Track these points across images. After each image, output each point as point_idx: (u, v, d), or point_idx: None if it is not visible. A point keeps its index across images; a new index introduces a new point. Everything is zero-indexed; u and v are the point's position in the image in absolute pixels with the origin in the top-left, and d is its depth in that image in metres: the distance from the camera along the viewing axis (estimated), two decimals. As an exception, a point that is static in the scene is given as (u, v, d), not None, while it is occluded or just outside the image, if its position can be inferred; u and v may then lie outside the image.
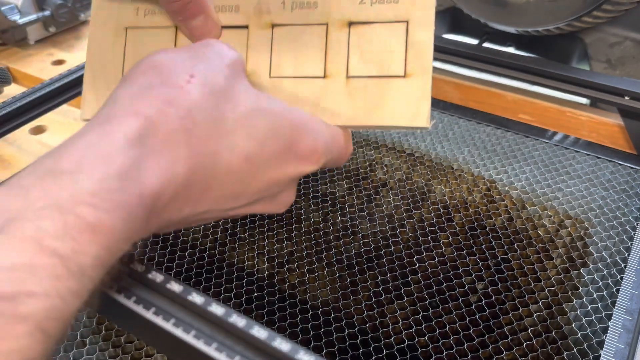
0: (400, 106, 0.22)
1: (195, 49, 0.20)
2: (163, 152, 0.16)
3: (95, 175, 0.15)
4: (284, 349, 0.18)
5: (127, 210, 0.15)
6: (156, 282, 0.21)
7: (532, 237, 0.32)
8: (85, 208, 0.14)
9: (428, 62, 0.22)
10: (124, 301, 0.20)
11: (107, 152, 0.15)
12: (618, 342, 0.24)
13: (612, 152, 0.38)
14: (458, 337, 0.26)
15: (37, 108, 0.38)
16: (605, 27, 0.43)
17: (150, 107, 0.17)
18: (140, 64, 0.19)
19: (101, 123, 0.17)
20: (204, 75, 0.18)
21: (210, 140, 0.18)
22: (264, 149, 0.19)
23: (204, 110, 0.18)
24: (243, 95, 0.19)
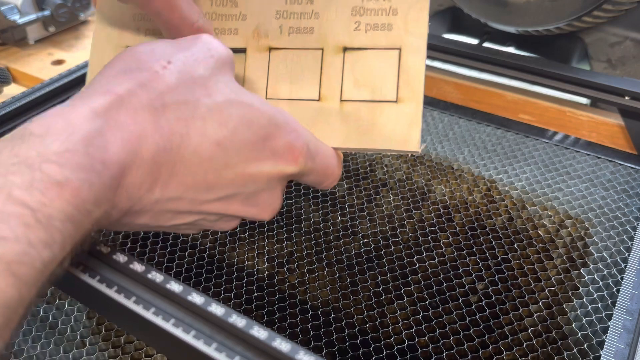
0: (391, 130, 0.23)
1: (182, 40, 0.21)
2: (129, 126, 0.17)
3: (60, 139, 0.16)
4: (284, 349, 0.18)
5: (91, 173, 0.16)
6: (156, 282, 0.21)
7: (532, 237, 0.32)
8: (51, 165, 0.15)
9: (419, 88, 0.23)
10: (124, 301, 0.20)
11: (73, 120, 0.17)
12: (618, 342, 0.24)
13: (612, 152, 0.38)
14: (458, 337, 0.26)
15: (37, 108, 0.38)
16: (605, 27, 0.43)
17: (121, 86, 0.18)
18: (122, 52, 0.20)
19: (73, 99, 0.18)
20: (182, 63, 0.19)
21: (179, 122, 0.18)
22: (236, 136, 0.19)
23: (176, 94, 0.19)
24: (222, 85, 0.20)
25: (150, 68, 0.19)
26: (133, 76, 0.19)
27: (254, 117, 0.20)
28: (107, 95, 0.18)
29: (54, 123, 0.16)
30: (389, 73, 0.23)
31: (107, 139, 0.17)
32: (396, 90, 0.23)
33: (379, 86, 0.23)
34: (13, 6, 0.55)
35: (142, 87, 0.18)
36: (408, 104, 0.22)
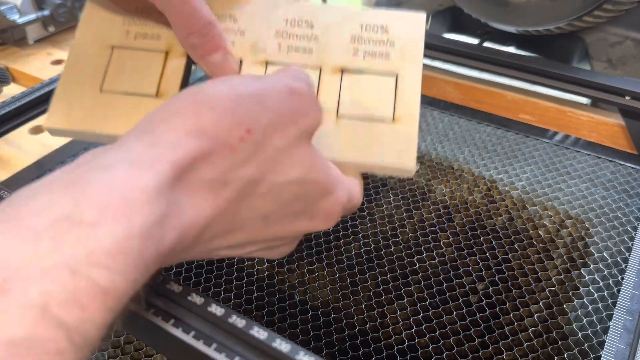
0: (387, 149, 0.23)
1: (269, 88, 0.17)
2: (187, 211, 0.15)
3: (116, 231, 0.13)
4: (283, 349, 0.18)
5: (142, 270, 0.14)
6: (155, 282, 0.20)
7: (532, 237, 0.32)
8: (100, 271, 0.12)
9: (415, 110, 0.23)
10: (123, 302, 0.20)
11: (134, 202, 0.13)
12: (619, 343, 0.24)
13: (612, 152, 0.38)
14: (458, 338, 0.26)
15: (37, 108, 0.38)
16: (606, 27, 0.42)
17: (189, 157, 0.15)
18: (196, 93, 0.16)
19: (132, 159, 0.14)
20: (263, 133, 0.16)
21: (234, 203, 0.17)
22: (284, 211, 0.18)
23: (242, 171, 0.16)
24: (294, 163, 0.17)
25: (226, 137, 0.16)
26: (204, 145, 0.15)
27: (311, 190, 0.18)
28: (169, 166, 0.15)
29: (110, 204, 0.13)
30: (386, 95, 0.23)
31: (165, 229, 0.14)
32: (393, 111, 0.23)
33: (376, 106, 0.23)
34: (13, 6, 0.55)
35: (209, 160, 0.15)
36: (405, 124, 0.23)
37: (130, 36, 0.24)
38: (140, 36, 0.24)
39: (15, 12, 0.55)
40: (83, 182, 0.13)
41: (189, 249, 0.16)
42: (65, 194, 0.13)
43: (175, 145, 0.15)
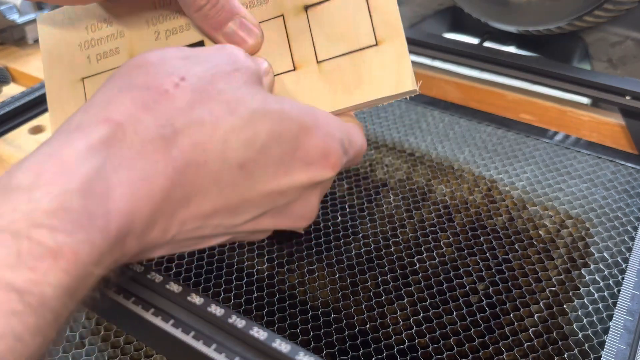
0: (380, 76, 0.21)
1: (201, 50, 0.18)
2: (135, 164, 0.14)
3: (53, 190, 0.13)
4: (283, 349, 0.18)
5: (92, 231, 0.13)
6: (155, 282, 0.20)
7: (533, 237, 0.32)
8: (42, 231, 0.12)
9: (397, 23, 0.21)
10: (123, 302, 0.20)
11: (67, 161, 0.14)
12: (619, 343, 0.24)
13: (613, 152, 0.38)
14: (459, 338, 0.26)
15: (36, 108, 0.38)
16: (606, 27, 0.42)
17: (124, 112, 0.15)
18: (126, 63, 0.17)
19: (66, 131, 0.15)
20: (198, 78, 0.16)
21: (195, 149, 0.16)
22: (263, 155, 0.17)
23: (189, 115, 0.16)
24: (247, 97, 0.17)
25: (159, 85, 0.16)
26: (137, 96, 0.15)
27: (284, 128, 0.17)
28: (106, 125, 0.15)
29: (43, 168, 0.13)
30: (360, 18, 0.21)
31: (109, 183, 0.14)
32: (373, 33, 0.21)
33: (353, 35, 0.21)
34: (12, 6, 0.54)
35: (148, 110, 0.15)
36: (390, 42, 0.20)
37: (92, 61, 0.24)
38: (101, 57, 0.24)
39: (15, 11, 0.55)
40: (23, 161, 0.14)
41: (167, 213, 0.15)
42: (7, 175, 0.14)
43: (108, 102, 0.16)
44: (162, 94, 0.16)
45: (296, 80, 0.22)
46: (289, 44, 0.22)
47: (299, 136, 0.17)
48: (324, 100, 0.21)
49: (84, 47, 0.24)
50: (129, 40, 0.24)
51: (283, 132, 0.17)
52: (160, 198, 0.15)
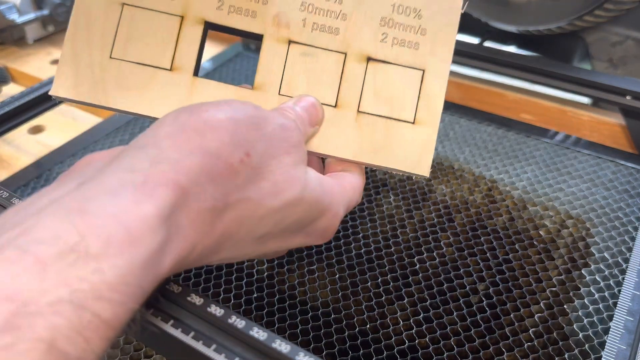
0: (405, 151, 0.22)
1: (266, 121, 0.18)
2: (186, 234, 0.15)
3: (120, 265, 0.13)
4: (283, 350, 0.18)
5: (140, 298, 0.14)
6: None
7: (533, 237, 0.32)
8: (103, 304, 0.13)
9: (437, 113, 0.22)
10: (123, 302, 0.20)
11: (137, 233, 0.14)
12: (620, 343, 0.24)
13: (613, 152, 0.38)
14: (459, 338, 0.26)
15: (36, 107, 0.38)
16: (606, 26, 0.42)
17: (193, 178, 0.15)
18: (199, 116, 0.17)
19: (134, 185, 0.14)
20: (260, 157, 0.17)
21: (234, 224, 0.17)
22: (280, 233, 0.19)
23: (242, 194, 0.17)
24: (291, 183, 0.18)
25: (229, 157, 0.16)
26: (208, 164, 0.16)
27: (310, 214, 0.19)
28: (174, 190, 0.15)
29: (113, 233, 0.13)
30: (409, 93, 0.22)
31: (164, 254, 0.14)
32: (414, 112, 0.22)
33: (398, 104, 0.22)
34: (12, 5, 0.54)
35: (213, 181, 0.16)
36: (425, 127, 0.22)
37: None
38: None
39: (15, 11, 0.55)
40: (88, 210, 0.14)
41: (181, 268, 0.17)
42: (70, 222, 0.13)
43: (179, 161, 0.15)
44: (229, 168, 0.16)
45: (332, 117, 0.23)
46: (340, 81, 0.23)
47: (313, 216, 0.20)
48: (349, 146, 0.22)
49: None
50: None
51: (306, 217, 0.19)
52: (191, 261, 0.16)
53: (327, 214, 0.20)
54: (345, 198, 0.21)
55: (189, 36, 0.22)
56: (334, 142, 0.22)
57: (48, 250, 0.13)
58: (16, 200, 0.25)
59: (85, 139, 0.41)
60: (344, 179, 0.22)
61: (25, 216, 0.14)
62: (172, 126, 0.16)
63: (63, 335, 0.12)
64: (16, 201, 0.25)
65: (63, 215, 0.14)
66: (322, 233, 0.21)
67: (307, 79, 0.23)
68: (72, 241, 0.13)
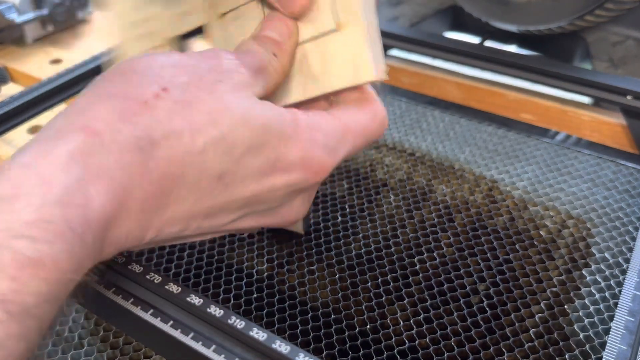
0: (341, 64, 0.20)
1: (194, 56, 0.18)
2: (112, 173, 0.15)
3: (33, 201, 0.13)
4: (283, 350, 0.18)
5: (71, 240, 0.14)
6: (154, 283, 0.20)
7: (534, 237, 0.32)
8: (22, 241, 0.13)
9: (357, 10, 0.19)
10: (122, 302, 0.20)
11: (46, 172, 0.14)
12: (620, 344, 0.24)
13: (614, 152, 0.38)
14: (459, 339, 0.26)
15: (35, 107, 0.38)
16: (607, 26, 0.42)
17: (101, 120, 0.15)
18: (111, 68, 0.17)
19: (46, 138, 0.15)
20: (182, 90, 0.16)
21: (172, 163, 0.16)
22: (242, 166, 0.17)
23: (167, 127, 0.16)
24: (229, 108, 0.17)
25: (139, 95, 0.16)
26: (115, 105, 0.16)
27: (264, 139, 0.17)
28: (83, 132, 0.15)
29: (24, 178, 0.14)
30: (322, 1, 0.20)
31: (87, 192, 0.14)
32: (334, 17, 0.20)
33: (318, 18, 0.20)
34: (11, 5, 0.54)
35: (125, 120, 0.15)
36: (350, 28, 0.20)
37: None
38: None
39: (14, 11, 0.54)
40: (4, 167, 0.14)
41: (143, 222, 0.16)
42: None
43: (85, 109, 0.16)
44: (141, 105, 0.16)
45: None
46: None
47: (278, 146, 0.18)
48: (295, 88, 0.21)
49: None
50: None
51: (262, 143, 0.17)
52: (135, 208, 0.15)
53: (295, 141, 0.18)
54: (329, 123, 0.19)
55: None
56: (281, 90, 0.21)
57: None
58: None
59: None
60: (332, 110, 0.20)
61: None
62: (88, 87, 0.17)
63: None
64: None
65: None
66: (304, 166, 0.18)
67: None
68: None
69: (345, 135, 0.19)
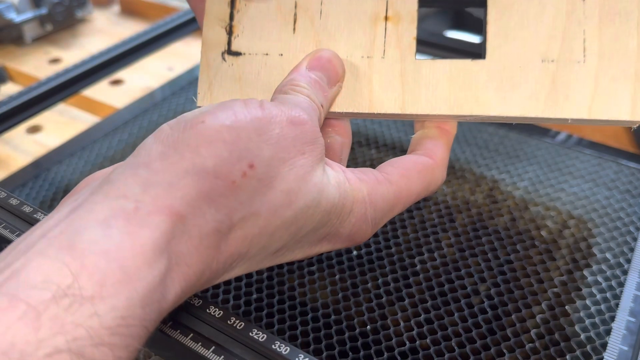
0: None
1: (273, 122, 0.16)
2: (189, 261, 0.14)
3: (117, 305, 0.12)
4: (283, 351, 0.18)
5: (144, 337, 0.13)
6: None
7: (535, 237, 0.31)
8: (103, 351, 0.12)
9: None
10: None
11: (132, 268, 0.13)
12: (621, 344, 0.23)
13: (615, 152, 0.38)
14: (460, 339, 0.26)
15: (34, 107, 0.38)
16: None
17: (189, 203, 0.14)
18: (194, 128, 0.15)
19: (125, 215, 0.13)
20: (266, 166, 0.15)
21: (243, 244, 0.15)
22: (299, 243, 0.17)
23: (248, 210, 0.15)
24: (306, 189, 0.16)
25: (228, 174, 0.14)
26: (205, 186, 0.14)
27: (327, 219, 0.17)
28: (168, 217, 0.13)
29: (106, 274, 0.12)
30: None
31: (165, 284, 0.13)
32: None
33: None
34: (10, 4, 0.54)
35: (211, 203, 0.14)
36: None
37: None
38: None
39: (13, 10, 0.54)
40: (78, 246, 0.13)
41: (189, 295, 0.16)
42: (60, 261, 0.12)
43: (173, 185, 0.14)
44: (230, 186, 0.15)
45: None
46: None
47: (335, 224, 0.18)
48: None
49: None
50: None
51: (324, 223, 0.17)
52: (199, 287, 0.15)
53: (350, 218, 0.18)
54: (382, 196, 0.18)
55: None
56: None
57: (40, 296, 0.12)
58: (14, 200, 0.25)
59: (83, 139, 0.41)
60: (392, 168, 0.19)
61: (15, 255, 0.13)
62: (164, 143, 0.15)
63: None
64: (14, 201, 0.25)
65: (52, 254, 0.13)
66: (349, 238, 0.18)
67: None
68: (65, 284, 0.12)
69: (394, 207, 0.19)
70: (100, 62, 0.41)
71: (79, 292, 0.12)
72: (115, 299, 0.12)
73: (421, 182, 0.19)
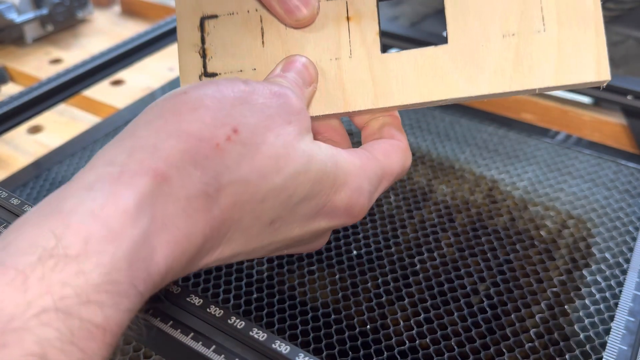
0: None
1: (256, 93, 0.17)
2: (177, 222, 0.14)
3: (102, 261, 0.12)
4: (283, 351, 0.18)
5: (134, 298, 0.13)
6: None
7: (534, 237, 0.31)
8: (91, 308, 0.12)
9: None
10: (121, 303, 0.20)
11: (115, 225, 0.13)
12: (621, 344, 0.23)
13: (615, 152, 0.38)
14: (460, 339, 0.26)
15: (34, 107, 0.38)
16: (608, 26, 0.42)
17: (173, 163, 0.14)
18: (179, 98, 0.16)
19: (111, 178, 0.14)
20: (251, 132, 0.16)
21: (234, 209, 0.15)
22: (294, 213, 0.17)
23: (235, 174, 0.15)
24: (294, 155, 0.16)
25: (212, 137, 0.15)
26: (189, 148, 0.15)
27: (320, 187, 0.17)
28: (153, 177, 0.14)
29: (91, 232, 0.13)
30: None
31: (152, 244, 0.13)
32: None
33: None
34: (10, 5, 0.54)
35: (198, 164, 0.15)
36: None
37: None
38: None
39: (13, 11, 0.54)
40: (64, 209, 0.13)
41: (191, 264, 0.15)
42: (46, 225, 0.13)
43: (156, 146, 0.14)
44: (214, 148, 0.15)
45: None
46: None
47: (329, 193, 0.18)
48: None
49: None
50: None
51: (317, 192, 0.17)
52: (191, 253, 0.15)
53: (345, 189, 0.18)
54: (373, 169, 0.19)
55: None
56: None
57: (27, 259, 0.12)
58: (15, 200, 0.25)
59: (84, 139, 0.41)
60: (373, 148, 0.20)
61: (10, 231, 0.13)
62: (149, 114, 0.16)
63: (55, 347, 0.11)
64: (15, 201, 0.25)
65: (40, 220, 0.13)
66: (346, 212, 0.18)
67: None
68: (50, 245, 0.12)
69: (383, 180, 0.20)
70: (101, 63, 0.41)
71: (64, 252, 0.12)
72: (100, 256, 0.12)
73: (399, 161, 0.20)
